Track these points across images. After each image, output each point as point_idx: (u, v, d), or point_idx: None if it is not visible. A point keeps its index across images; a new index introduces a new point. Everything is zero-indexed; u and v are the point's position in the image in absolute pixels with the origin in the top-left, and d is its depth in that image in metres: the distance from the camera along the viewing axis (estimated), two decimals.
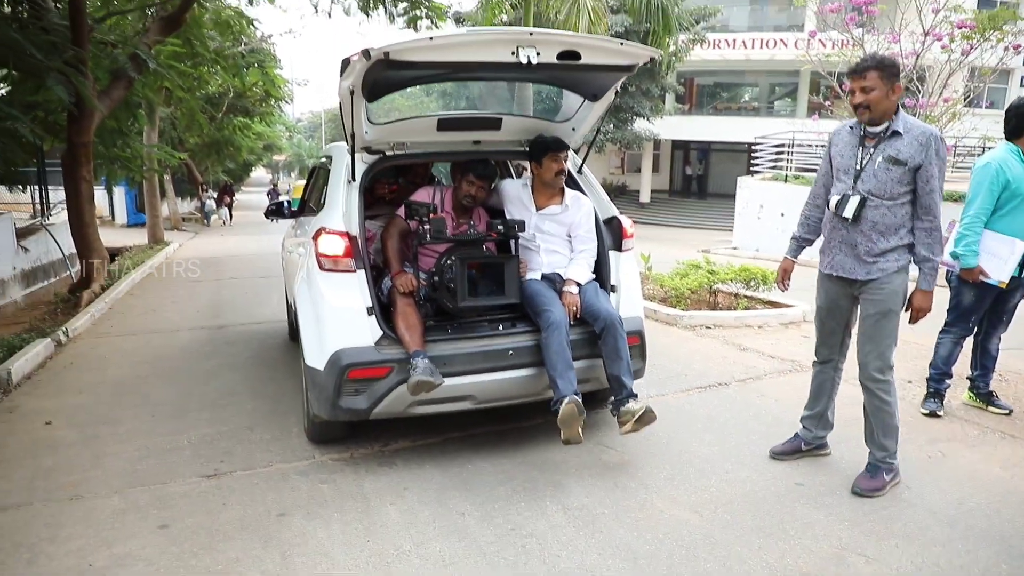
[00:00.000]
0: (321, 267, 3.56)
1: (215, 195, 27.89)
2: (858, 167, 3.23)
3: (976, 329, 4.38)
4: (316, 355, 3.53)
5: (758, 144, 19.79)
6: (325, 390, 3.47)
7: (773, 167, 18.60)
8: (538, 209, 4.00)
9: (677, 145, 36.44)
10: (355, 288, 3.51)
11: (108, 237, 10.69)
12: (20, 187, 11.19)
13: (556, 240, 3.99)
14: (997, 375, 4.87)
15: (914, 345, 5.69)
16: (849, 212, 3.22)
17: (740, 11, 33.49)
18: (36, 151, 9.80)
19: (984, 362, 4.37)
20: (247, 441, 4.05)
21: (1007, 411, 4.27)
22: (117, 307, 8.61)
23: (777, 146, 18.99)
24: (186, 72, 11.02)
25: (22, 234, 10.05)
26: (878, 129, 3.17)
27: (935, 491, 3.30)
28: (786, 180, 16.03)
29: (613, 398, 3.63)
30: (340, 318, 3.49)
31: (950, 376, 4.38)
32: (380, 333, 3.49)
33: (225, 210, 27.53)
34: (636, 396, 3.60)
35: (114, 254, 12.55)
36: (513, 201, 4.08)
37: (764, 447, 3.78)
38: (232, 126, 22.31)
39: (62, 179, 9.57)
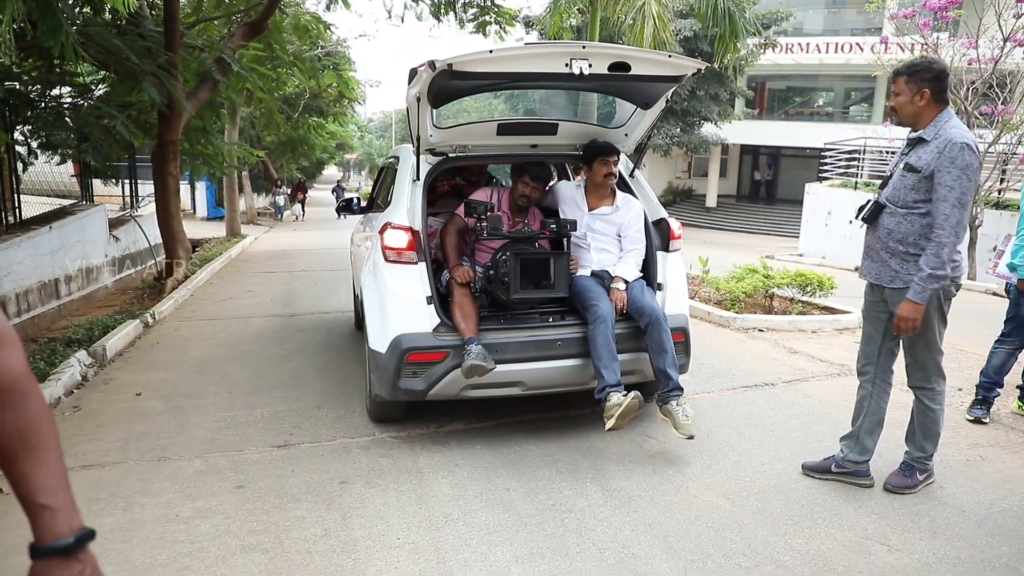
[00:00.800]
0: (386, 259, 3.87)
1: (287, 191, 28.82)
2: (889, 172, 3.29)
3: None
4: (379, 339, 3.84)
5: (829, 150, 19.42)
6: (386, 371, 3.77)
7: (843, 173, 18.23)
8: (590, 209, 4.22)
9: (746, 150, 35.88)
10: (416, 279, 3.81)
11: (189, 229, 11.37)
12: (113, 180, 12.02)
13: (606, 239, 4.20)
14: None
15: (969, 354, 5.66)
16: (863, 214, 3.27)
17: (815, 14, 32.75)
18: (128, 147, 10.52)
19: None
20: (314, 418, 4.40)
21: None
22: (198, 294, 9.22)
23: (848, 152, 18.61)
24: (266, 74, 11.63)
25: (113, 224, 10.80)
26: (913, 136, 3.19)
27: (968, 491, 3.37)
28: (856, 187, 15.71)
29: (659, 391, 3.80)
30: (402, 306, 3.79)
31: (1000, 385, 4.38)
32: (438, 321, 3.77)
33: (298, 206, 28.57)
34: (682, 390, 3.78)
35: (195, 245, 13.35)
36: (567, 201, 4.31)
37: (803, 444, 3.90)
38: (307, 125, 23.19)
39: (151, 174, 10.29)
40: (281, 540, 2.95)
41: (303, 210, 28.70)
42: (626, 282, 4.03)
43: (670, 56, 3.51)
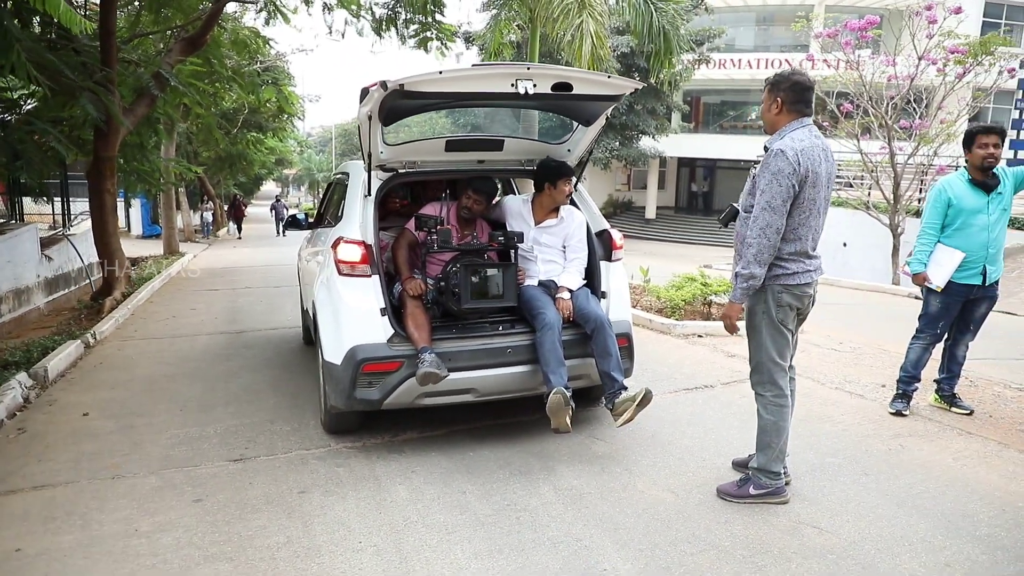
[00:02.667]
0: (340, 272, 3.96)
1: (213, 209, 27.79)
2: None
3: (947, 336, 4.72)
4: (334, 351, 3.93)
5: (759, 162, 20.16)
6: (342, 382, 3.85)
7: None
8: (537, 223, 4.40)
9: (683, 162, 36.92)
10: (370, 291, 3.91)
11: (125, 248, 11.12)
12: (44, 198, 11.68)
13: (552, 251, 4.39)
14: (967, 380, 5.23)
15: (892, 353, 6.05)
16: (720, 218, 3.48)
17: (746, 31, 34.08)
18: (61, 164, 10.26)
19: (951, 367, 4.72)
20: (269, 432, 4.44)
21: (968, 411, 4.61)
22: (139, 313, 9.04)
23: (756, 162, 19.38)
24: (205, 89, 11.51)
25: (45, 244, 10.49)
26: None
27: (890, 477, 3.66)
28: None
29: (606, 393, 3.99)
30: (356, 317, 3.89)
31: (918, 380, 4.73)
32: (392, 332, 3.88)
33: (233, 225, 27.61)
34: (627, 389, 3.97)
35: (132, 263, 13.01)
36: (514, 215, 4.49)
37: (740, 440, 4.14)
38: (246, 141, 22.89)
39: (85, 191, 10.04)
40: (244, 549, 3.01)
41: (239, 228, 27.56)
42: (571, 291, 4.21)
43: (609, 77, 3.73)
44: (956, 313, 4.60)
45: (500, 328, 4.14)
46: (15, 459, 4.02)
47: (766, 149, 3.19)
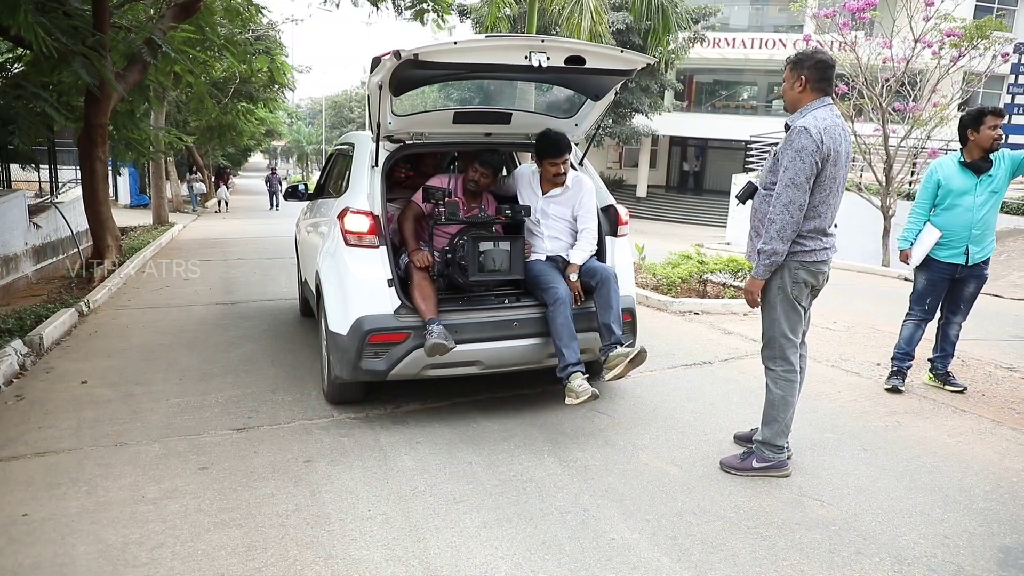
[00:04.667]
0: (347, 243, 3.95)
1: (202, 179, 27.19)
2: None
3: (940, 315, 4.78)
4: (340, 321, 3.92)
5: (754, 142, 20.22)
6: (347, 353, 3.86)
7: None
8: (544, 193, 4.38)
9: (675, 141, 36.86)
10: (377, 262, 3.91)
11: (114, 217, 11.01)
12: (32, 165, 11.50)
13: (560, 224, 4.36)
14: (960, 360, 5.31)
15: (885, 333, 6.13)
16: (738, 194, 3.51)
17: (740, 11, 33.88)
18: (48, 130, 10.10)
19: (944, 346, 4.79)
20: (271, 402, 4.44)
21: (961, 389, 4.69)
22: (131, 283, 8.98)
23: (772, 144, 19.43)
24: (197, 57, 11.33)
25: (33, 212, 10.36)
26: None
27: (888, 452, 3.73)
28: None
29: (602, 344, 4.00)
30: (363, 288, 3.89)
31: (911, 356, 4.80)
32: (399, 303, 3.89)
33: (224, 192, 27.27)
34: (623, 343, 3.97)
35: (121, 233, 12.88)
36: (524, 185, 4.48)
37: (741, 415, 4.19)
38: (236, 111, 22.58)
39: (76, 159, 9.89)
40: (253, 516, 3.03)
41: (226, 200, 27.02)
42: (577, 268, 4.21)
43: (622, 51, 3.70)
44: (943, 291, 4.67)
45: (506, 301, 4.16)
46: (15, 426, 4.01)
47: (787, 127, 3.21)
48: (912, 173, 13.72)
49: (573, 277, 4.16)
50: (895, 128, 13.09)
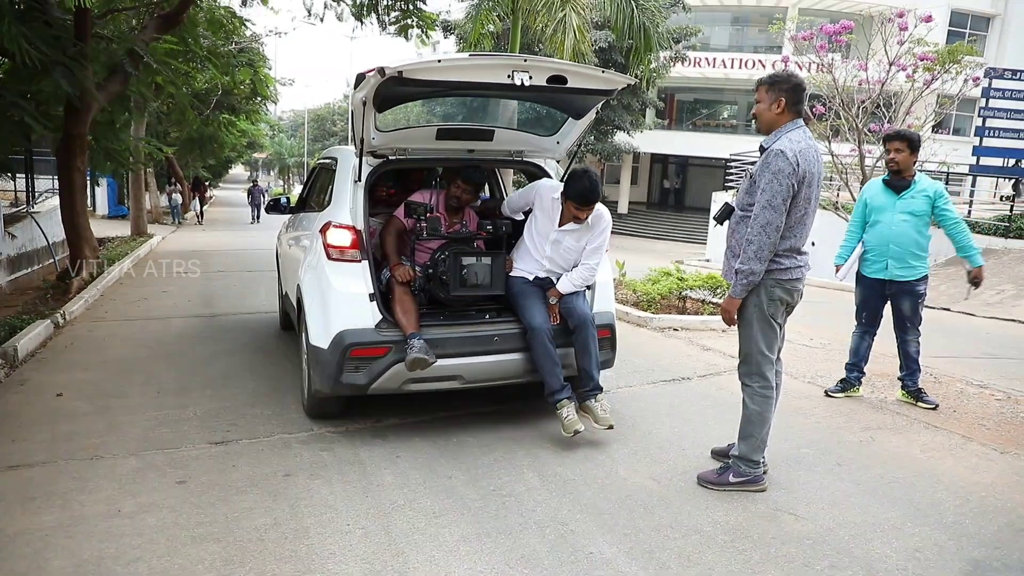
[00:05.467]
0: (329, 256, 3.96)
1: (181, 191, 26.17)
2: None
3: (895, 336, 4.93)
4: (321, 335, 3.93)
5: (734, 160, 20.49)
6: (328, 367, 3.86)
7: None
8: (560, 226, 4.19)
9: (656, 159, 37.23)
10: (359, 276, 3.92)
11: (92, 228, 10.92)
12: (8, 175, 11.38)
13: (568, 256, 4.23)
14: (932, 377, 5.42)
15: None
16: (715, 215, 3.59)
17: (721, 31, 34.42)
18: (25, 140, 10.01)
19: (907, 363, 4.92)
20: (249, 415, 4.42)
21: (933, 406, 4.78)
22: (109, 295, 8.88)
23: (752, 163, 19.71)
24: (179, 68, 11.29)
25: (8, 221, 10.24)
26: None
27: (862, 467, 3.79)
28: None
29: (580, 389, 4.08)
30: (345, 302, 3.90)
31: (856, 368, 5.01)
32: (380, 317, 3.90)
33: (197, 204, 26.42)
34: (601, 389, 4.09)
35: (99, 243, 12.75)
36: (542, 206, 4.23)
37: (718, 430, 4.24)
38: (218, 122, 22.47)
39: (53, 168, 9.80)
40: (232, 530, 3.01)
41: (201, 213, 26.43)
42: (560, 296, 4.19)
43: (603, 72, 3.77)
44: (876, 306, 4.90)
45: (487, 316, 4.19)
46: None
47: (762, 149, 3.28)
48: None
49: (552, 301, 4.17)
50: (871, 148, 13.34)
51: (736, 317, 3.43)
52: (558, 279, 4.24)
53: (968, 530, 3.14)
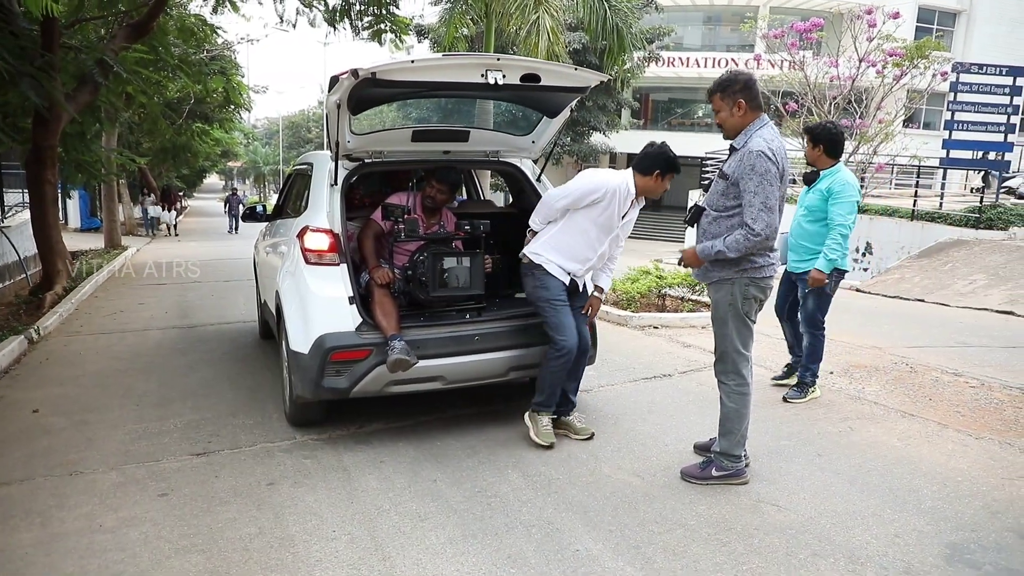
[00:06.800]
0: (307, 261, 3.95)
1: (156, 202, 25.49)
2: (712, 179, 3.52)
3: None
4: (301, 340, 3.91)
5: (709, 158, 20.66)
6: (309, 371, 3.84)
7: None
8: (624, 216, 3.99)
9: (632, 158, 37.21)
10: (338, 280, 3.91)
11: (64, 241, 10.75)
12: None
13: (602, 239, 4.00)
14: (908, 367, 5.54)
15: (837, 342, 6.30)
16: (686, 219, 3.61)
17: (694, 30, 34.70)
18: None
19: (797, 352, 5.11)
20: (231, 425, 4.38)
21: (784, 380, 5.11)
22: (83, 308, 8.76)
23: (722, 162, 19.89)
24: (150, 78, 11.17)
25: None
26: (730, 145, 3.37)
27: (841, 457, 3.84)
28: None
29: (558, 407, 4.11)
30: (324, 306, 3.88)
31: (792, 351, 5.16)
32: (360, 320, 3.89)
33: (172, 214, 25.58)
34: (575, 405, 4.20)
35: (71, 257, 12.56)
36: (616, 201, 3.87)
37: (700, 426, 4.28)
38: (191, 132, 22.26)
39: (23, 181, 9.65)
40: (216, 541, 2.99)
41: (174, 225, 25.54)
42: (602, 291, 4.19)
43: (576, 69, 3.80)
44: (789, 296, 5.03)
45: (467, 316, 4.19)
46: None
47: (733, 149, 3.29)
48: (861, 187, 14.14)
49: (601, 296, 4.19)
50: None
51: (711, 315, 3.49)
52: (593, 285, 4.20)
53: (946, 514, 3.20)
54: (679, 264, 3.54)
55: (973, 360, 5.90)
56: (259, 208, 6.14)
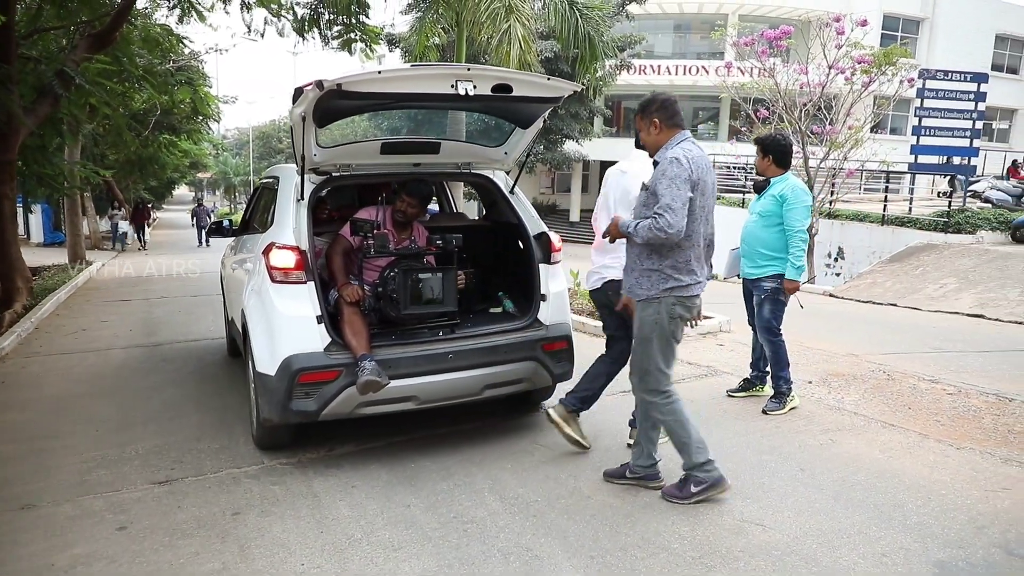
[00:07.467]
0: (273, 279, 3.79)
1: (125, 215, 24.74)
2: None
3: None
4: (267, 361, 3.75)
5: None
6: (276, 394, 3.68)
7: None
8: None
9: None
10: (305, 298, 3.76)
11: (25, 256, 10.42)
12: None
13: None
14: (885, 374, 5.51)
15: (814, 350, 6.27)
16: (604, 234, 3.61)
17: (664, 39, 34.97)
18: None
19: (759, 363, 5.10)
20: (196, 451, 4.20)
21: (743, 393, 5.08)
22: (44, 327, 8.47)
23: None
24: (114, 89, 10.91)
25: None
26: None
27: (824, 471, 3.77)
28: None
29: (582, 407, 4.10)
30: (291, 326, 3.73)
31: (755, 365, 5.12)
32: (329, 339, 3.74)
33: (134, 232, 24.85)
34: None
35: (33, 273, 12.20)
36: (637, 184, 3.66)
37: None
38: (158, 143, 21.84)
39: None
40: None
41: (141, 238, 25.02)
42: None
43: (549, 79, 3.71)
44: (748, 304, 4.99)
45: (440, 333, 4.06)
46: None
47: (656, 164, 3.33)
48: (831, 192, 14.28)
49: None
50: (814, 150, 13.63)
51: (635, 333, 3.45)
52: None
53: (932, 531, 3.14)
54: (604, 236, 3.60)
55: (948, 366, 5.91)
56: (225, 223, 5.97)
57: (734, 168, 18.49)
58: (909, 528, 3.16)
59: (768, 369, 4.95)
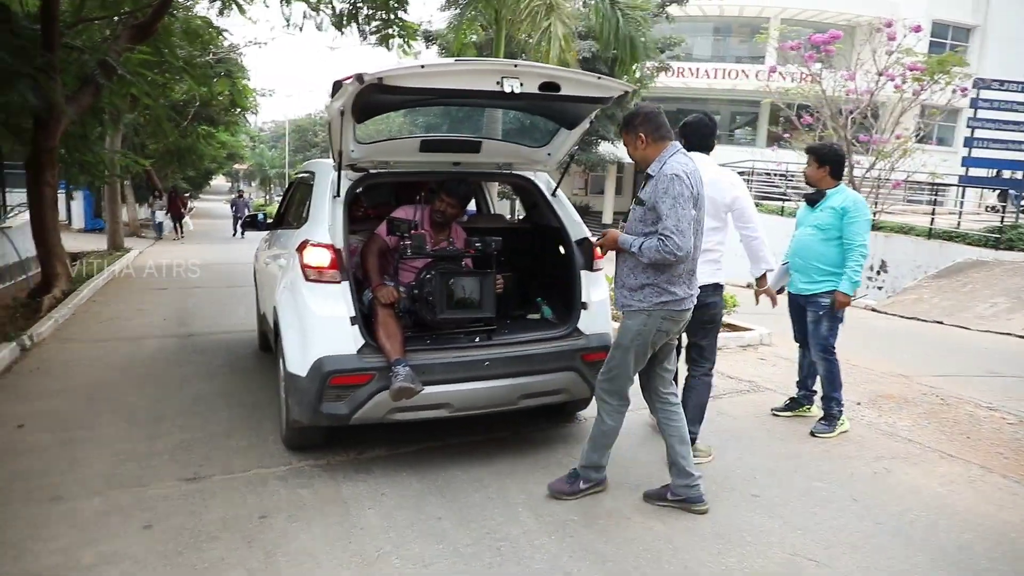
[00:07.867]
0: (306, 278, 3.68)
1: (164, 204, 24.25)
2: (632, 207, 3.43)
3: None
4: (298, 362, 3.65)
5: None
6: (307, 396, 3.58)
7: None
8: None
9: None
10: (339, 298, 3.64)
11: (66, 242, 10.54)
12: None
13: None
14: (939, 399, 5.26)
15: (861, 368, 6.01)
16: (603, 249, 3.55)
17: (704, 41, 34.47)
18: None
19: (808, 381, 4.90)
20: (225, 447, 4.13)
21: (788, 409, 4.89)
22: (80, 313, 8.53)
23: (738, 174, 19.64)
24: (154, 80, 10.99)
25: None
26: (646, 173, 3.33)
27: (880, 504, 3.55)
28: None
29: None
30: (324, 327, 3.62)
31: (803, 384, 4.91)
32: (362, 342, 3.62)
33: (171, 221, 24.13)
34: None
35: (73, 259, 12.36)
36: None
37: (723, 460, 4.01)
38: (196, 134, 22.08)
39: (20, 182, 9.44)
40: None
41: (179, 227, 24.24)
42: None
43: (600, 78, 3.54)
44: (798, 320, 4.75)
45: (477, 339, 3.92)
46: None
47: (649, 177, 3.25)
48: (876, 203, 13.88)
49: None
50: (859, 159, 13.27)
51: (617, 334, 3.42)
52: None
53: None
54: (597, 243, 3.59)
55: (1007, 392, 5.61)
56: (260, 216, 5.91)
57: (775, 175, 18.09)
58: (979, 574, 2.93)
59: (816, 388, 4.74)
